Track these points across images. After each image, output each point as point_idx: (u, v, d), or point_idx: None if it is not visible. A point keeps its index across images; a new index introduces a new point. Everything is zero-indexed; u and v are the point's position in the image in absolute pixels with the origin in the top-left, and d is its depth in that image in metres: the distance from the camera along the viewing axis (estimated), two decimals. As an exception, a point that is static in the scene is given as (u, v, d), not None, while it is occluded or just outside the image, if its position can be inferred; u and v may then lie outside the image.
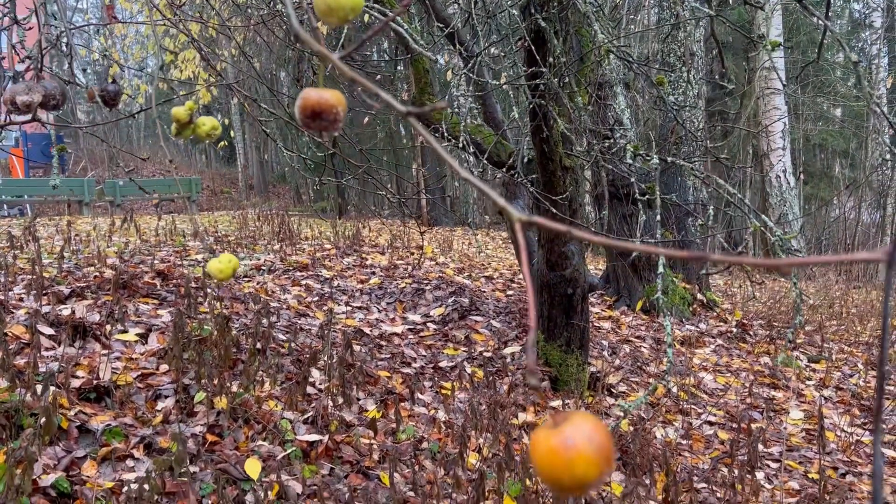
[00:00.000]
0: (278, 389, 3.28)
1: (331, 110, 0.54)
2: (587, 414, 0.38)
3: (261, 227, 7.67)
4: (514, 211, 0.40)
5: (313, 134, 2.85)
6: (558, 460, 0.36)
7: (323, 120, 0.55)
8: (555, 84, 2.34)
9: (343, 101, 0.55)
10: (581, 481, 0.36)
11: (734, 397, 4.59)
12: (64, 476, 2.26)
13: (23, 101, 0.99)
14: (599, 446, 0.36)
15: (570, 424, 0.37)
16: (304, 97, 0.53)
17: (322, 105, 0.53)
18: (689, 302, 6.26)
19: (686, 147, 5.48)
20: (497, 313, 5.36)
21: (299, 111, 0.55)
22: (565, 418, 0.37)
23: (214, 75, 1.95)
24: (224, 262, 0.99)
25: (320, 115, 0.54)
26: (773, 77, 9.57)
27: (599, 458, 0.36)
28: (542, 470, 0.37)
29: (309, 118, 0.55)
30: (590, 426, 0.37)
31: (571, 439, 0.36)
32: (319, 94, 0.53)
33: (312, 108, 0.53)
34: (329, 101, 0.53)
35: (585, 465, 0.36)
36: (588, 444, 0.36)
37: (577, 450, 0.36)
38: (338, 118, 0.56)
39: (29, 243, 4.85)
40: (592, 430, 0.37)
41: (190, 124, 1.11)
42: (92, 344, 3.22)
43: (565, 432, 0.36)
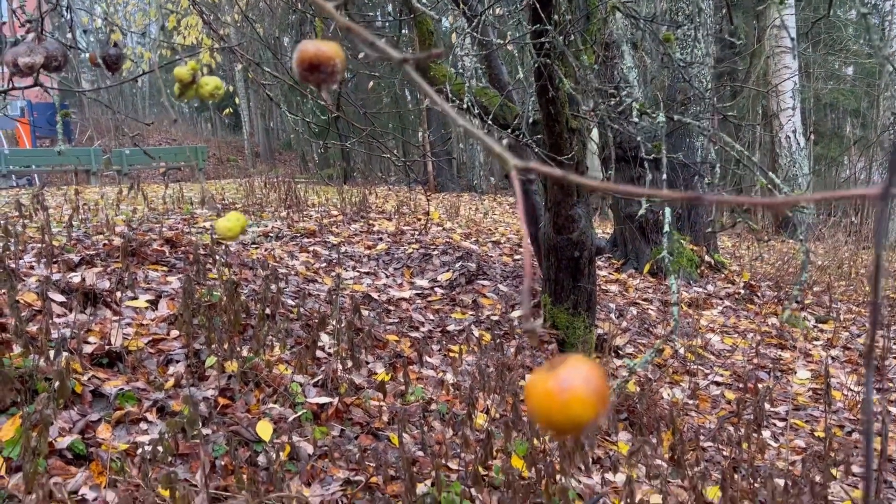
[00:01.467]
0: (288, 353, 3.32)
1: (329, 62, 0.53)
2: (582, 357, 0.38)
3: (267, 195, 7.67)
4: (511, 157, 0.39)
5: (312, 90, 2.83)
6: (554, 402, 0.36)
7: (321, 73, 0.53)
8: (560, 42, 2.31)
9: (341, 53, 0.54)
10: (577, 422, 0.36)
11: (741, 358, 4.61)
12: (79, 438, 2.30)
13: (25, 63, 0.99)
14: (595, 387, 0.36)
15: (565, 367, 0.37)
16: (301, 49, 0.52)
17: (320, 57, 0.52)
18: (697, 264, 6.25)
19: (694, 107, 5.42)
20: (504, 277, 5.37)
21: (297, 64, 0.54)
22: (561, 361, 0.37)
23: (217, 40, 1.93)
24: (232, 221, 0.99)
25: (318, 67, 0.53)
26: (784, 35, 9.41)
27: (595, 398, 0.36)
28: (538, 412, 0.37)
29: (307, 71, 0.54)
30: (585, 368, 0.37)
31: (567, 381, 0.36)
32: (317, 46, 0.52)
33: (310, 61, 0.52)
34: (327, 53, 0.52)
35: (581, 406, 0.36)
36: (584, 384, 0.36)
37: (573, 391, 0.36)
38: (336, 71, 0.55)
39: (38, 212, 4.87)
40: (588, 372, 0.37)
41: (192, 84, 1.10)
42: (103, 310, 3.25)
43: (560, 374, 0.36)
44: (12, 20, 1.97)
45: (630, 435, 3.26)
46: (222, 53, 7.10)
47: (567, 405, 0.36)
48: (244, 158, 20.93)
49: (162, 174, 13.26)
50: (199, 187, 8.23)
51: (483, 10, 2.36)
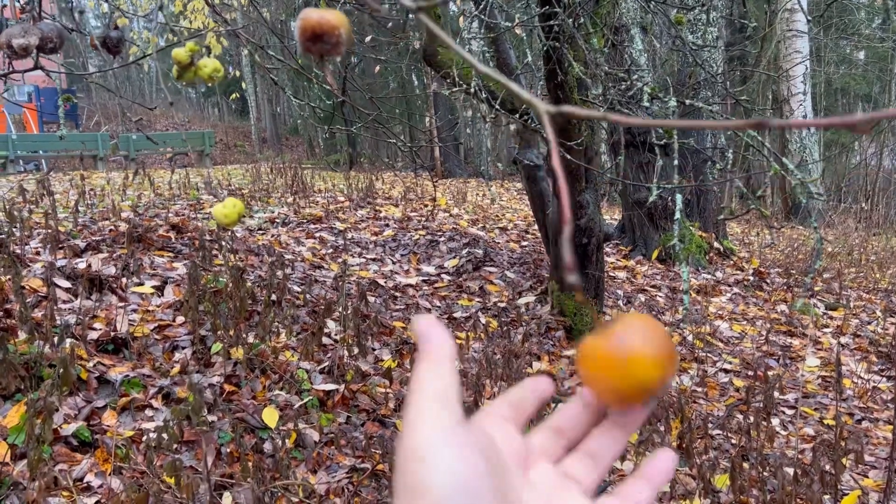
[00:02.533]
0: (294, 340, 3.30)
1: (333, 32, 0.49)
2: (639, 313, 0.34)
3: (274, 180, 7.65)
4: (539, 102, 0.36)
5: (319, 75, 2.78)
6: (614, 366, 0.32)
7: (325, 43, 0.50)
8: (569, 25, 2.26)
9: (346, 22, 0.51)
10: (642, 386, 0.32)
11: (750, 345, 4.57)
12: (85, 425, 2.30)
13: (19, 45, 0.96)
14: (658, 345, 0.32)
15: (622, 325, 0.32)
16: (303, 17, 0.49)
17: (323, 26, 0.49)
18: (706, 250, 6.20)
19: (705, 91, 5.36)
20: (511, 264, 5.34)
21: (299, 33, 0.50)
22: (616, 321, 0.33)
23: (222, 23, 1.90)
24: (229, 207, 0.96)
25: (321, 37, 0.49)
26: (795, 19, 9.29)
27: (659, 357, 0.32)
28: (595, 380, 0.33)
29: (309, 41, 0.50)
30: (643, 324, 0.32)
31: (626, 340, 0.32)
32: (320, 14, 0.49)
33: (313, 30, 0.49)
34: (331, 21, 0.49)
35: (644, 368, 0.31)
36: (644, 342, 0.32)
37: (634, 351, 0.32)
38: (340, 41, 0.51)
39: (43, 197, 4.86)
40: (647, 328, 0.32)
41: (191, 66, 1.08)
42: (108, 297, 3.24)
43: (618, 334, 0.32)
44: (13, 3, 1.94)
45: (638, 423, 3.23)
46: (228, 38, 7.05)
47: (629, 368, 0.32)
48: (251, 144, 20.90)
49: (168, 159, 13.25)
50: (206, 172, 8.21)
51: (491, -8, 2.32)
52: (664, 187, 2.00)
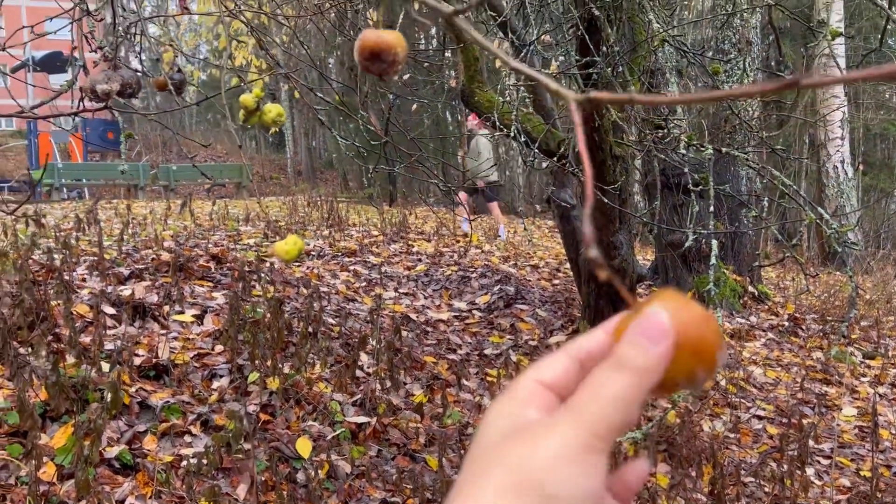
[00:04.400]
0: (328, 372, 3.36)
1: (390, 51, 0.51)
2: (676, 293, 0.30)
3: (310, 213, 7.79)
4: (568, 91, 0.39)
5: (362, 114, 2.88)
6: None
7: (382, 62, 0.51)
8: (608, 73, 2.33)
9: (403, 42, 0.52)
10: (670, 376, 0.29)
11: (784, 392, 4.51)
12: (126, 449, 2.36)
13: (102, 90, 1.04)
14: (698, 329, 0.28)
15: (656, 303, 0.29)
16: (363, 37, 0.50)
17: (381, 45, 0.50)
18: (740, 294, 6.15)
19: (740, 136, 5.37)
20: (543, 302, 5.36)
21: (358, 52, 0.51)
22: (651, 299, 0.30)
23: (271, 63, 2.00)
24: (290, 244, 1.03)
25: (379, 56, 0.51)
26: (833, 65, 9.28)
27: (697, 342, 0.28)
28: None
29: (367, 60, 0.51)
30: (680, 304, 0.29)
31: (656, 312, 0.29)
32: (378, 34, 0.50)
33: (371, 49, 0.50)
34: (388, 41, 0.50)
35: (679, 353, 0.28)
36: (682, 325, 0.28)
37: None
38: (396, 60, 0.52)
39: (91, 226, 5.02)
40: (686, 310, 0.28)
41: (257, 111, 1.15)
42: (151, 324, 3.34)
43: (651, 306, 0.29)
44: (82, 44, 2.06)
45: (669, 467, 3.21)
46: (270, 74, 7.27)
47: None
48: (286, 176, 21.28)
49: (206, 190, 13.56)
50: (244, 204, 8.39)
51: (532, 41, 2.39)
52: (700, 232, 2.03)
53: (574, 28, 2.69)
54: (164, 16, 1.50)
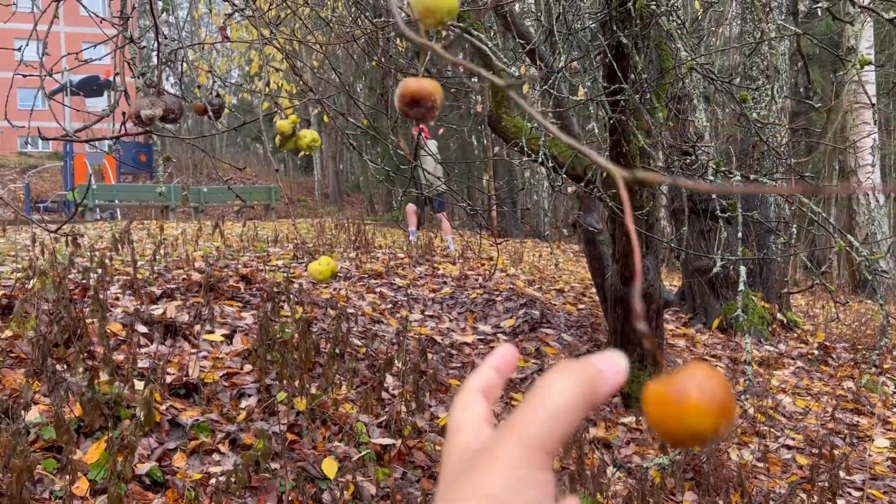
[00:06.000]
0: (354, 393, 3.38)
1: (429, 98, 0.55)
2: (702, 363, 0.36)
3: (337, 235, 7.87)
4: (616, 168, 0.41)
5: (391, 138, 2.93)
6: (669, 411, 0.34)
7: (421, 107, 0.56)
8: (636, 100, 2.35)
9: (440, 90, 0.57)
10: (694, 433, 0.34)
11: (814, 421, 4.44)
12: (157, 466, 2.40)
13: (146, 115, 1.09)
14: (713, 395, 0.34)
15: (683, 375, 0.35)
16: (404, 85, 0.55)
17: (421, 92, 0.55)
18: (769, 322, 6.08)
19: (768, 162, 5.35)
20: (568, 327, 5.35)
21: (399, 99, 0.56)
22: (679, 370, 0.36)
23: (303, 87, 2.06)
24: (323, 264, 1.06)
25: (419, 102, 0.55)
26: (862, 91, 9.21)
27: (713, 408, 0.34)
28: (653, 421, 0.35)
29: (408, 105, 0.56)
30: (703, 375, 0.35)
31: (683, 389, 0.34)
32: (418, 82, 0.55)
33: (412, 96, 0.55)
34: (427, 88, 0.55)
35: (697, 416, 0.34)
36: (700, 394, 0.34)
37: (689, 399, 0.34)
38: (435, 106, 0.57)
39: (124, 246, 5.13)
40: (706, 379, 0.34)
41: (293, 137, 1.19)
42: (181, 343, 3.40)
43: (677, 381, 0.34)
44: (124, 70, 2.14)
45: (696, 496, 3.17)
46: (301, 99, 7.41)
47: (683, 415, 0.34)
48: (314, 199, 21.51)
49: (236, 212, 13.76)
50: (273, 226, 8.50)
51: (560, 69, 2.43)
52: (728, 258, 2.03)
53: (602, 55, 2.72)
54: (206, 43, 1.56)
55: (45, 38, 2.18)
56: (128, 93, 1.93)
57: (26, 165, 22.15)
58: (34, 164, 22.50)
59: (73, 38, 13.08)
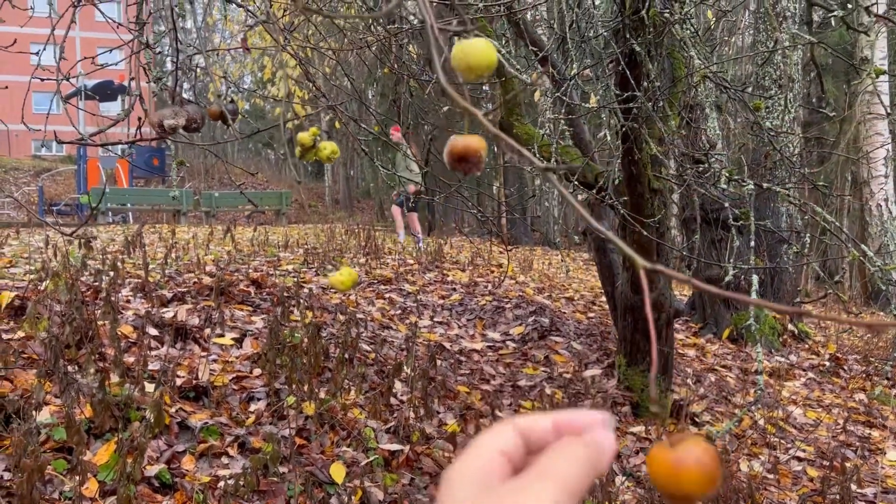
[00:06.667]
0: (362, 398, 3.38)
1: (475, 154, 0.61)
2: (699, 439, 0.44)
3: (347, 241, 7.89)
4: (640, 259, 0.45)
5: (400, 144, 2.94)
6: (670, 475, 0.43)
7: (468, 163, 0.61)
8: (648, 108, 2.35)
9: (485, 145, 0.63)
10: (688, 495, 0.43)
11: (825, 433, 4.40)
12: (166, 468, 2.41)
13: (169, 125, 1.10)
14: (705, 468, 0.43)
15: (683, 446, 0.43)
16: (452, 143, 0.61)
17: (468, 150, 0.61)
18: (780, 332, 6.04)
19: (780, 172, 5.33)
20: (578, 335, 5.33)
21: (448, 156, 0.63)
22: (680, 440, 0.44)
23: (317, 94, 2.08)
24: (345, 275, 1.07)
25: (466, 159, 0.61)
26: (876, 101, 9.17)
27: (705, 478, 0.43)
28: (656, 481, 0.44)
29: (456, 161, 0.62)
30: (700, 450, 0.43)
31: (682, 459, 0.43)
32: (466, 140, 0.60)
33: (460, 154, 0.61)
34: (474, 146, 0.60)
35: (692, 483, 0.42)
36: (696, 464, 0.43)
37: (687, 469, 0.42)
38: (480, 161, 0.64)
39: (136, 249, 5.16)
40: (702, 454, 0.43)
41: (313, 148, 1.20)
42: (192, 346, 3.41)
43: (678, 452, 0.43)
44: (139, 75, 2.15)
45: (705, 506, 3.15)
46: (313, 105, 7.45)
47: (680, 480, 0.42)
48: (325, 204, 21.58)
49: (247, 217, 13.82)
50: (283, 231, 8.53)
51: (573, 76, 2.43)
52: (740, 267, 2.02)
53: (614, 63, 2.72)
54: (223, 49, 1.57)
55: (63, 43, 2.20)
56: (142, 97, 1.95)
57: (40, 168, 22.34)
58: (48, 167, 22.70)
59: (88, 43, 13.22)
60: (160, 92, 1.47)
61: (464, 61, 0.58)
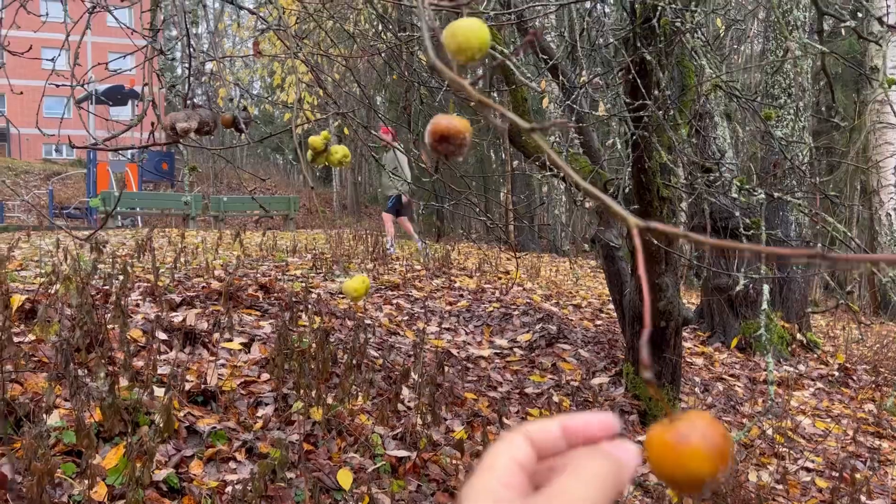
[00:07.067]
0: (370, 404, 3.38)
1: (458, 135, 0.57)
2: (703, 412, 0.38)
3: (355, 246, 7.90)
4: (632, 217, 0.43)
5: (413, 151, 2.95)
6: (671, 456, 0.36)
7: (450, 144, 0.57)
8: (659, 116, 2.35)
9: (469, 128, 0.59)
10: (694, 477, 0.36)
11: (834, 444, 4.37)
12: (174, 472, 2.41)
13: (182, 128, 1.11)
14: (713, 443, 0.36)
15: (684, 421, 0.37)
16: (434, 122, 0.57)
17: (451, 130, 0.56)
18: (788, 342, 6.01)
19: (789, 180, 5.31)
20: (585, 343, 5.32)
21: (429, 135, 0.58)
22: (681, 417, 0.38)
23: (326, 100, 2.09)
24: (358, 283, 1.07)
25: (448, 139, 0.56)
26: (886, 111, 9.14)
27: (713, 454, 0.36)
28: (655, 465, 0.37)
29: (437, 142, 0.58)
30: (704, 423, 0.37)
31: (685, 435, 0.36)
32: (449, 119, 0.56)
33: (441, 133, 0.56)
34: (457, 126, 0.56)
35: (699, 461, 0.36)
36: (702, 440, 0.36)
37: (690, 445, 0.36)
38: (464, 143, 0.59)
39: (146, 253, 5.18)
40: (706, 427, 0.37)
41: (324, 152, 1.21)
42: (200, 350, 3.42)
43: (679, 428, 0.37)
44: (152, 81, 2.16)
45: (714, 516, 3.13)
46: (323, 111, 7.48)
47: (683, 460, 0.36)
48: (332, 210, 21.62)
49: (255, 221, 13.87)
50: (292, 235, 8.55)
51: (583, 84, 2.44)
52: (752, 277, 2.02)
53: (624, 71, 2.73)
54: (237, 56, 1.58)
55: (77, 49, 2.21)
56: (155, 103, 1.96)
57: (50, 172, 22.49)
58: (58, 170, 22.84)
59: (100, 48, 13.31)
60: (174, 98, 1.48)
61: (454, 41, 0.54)
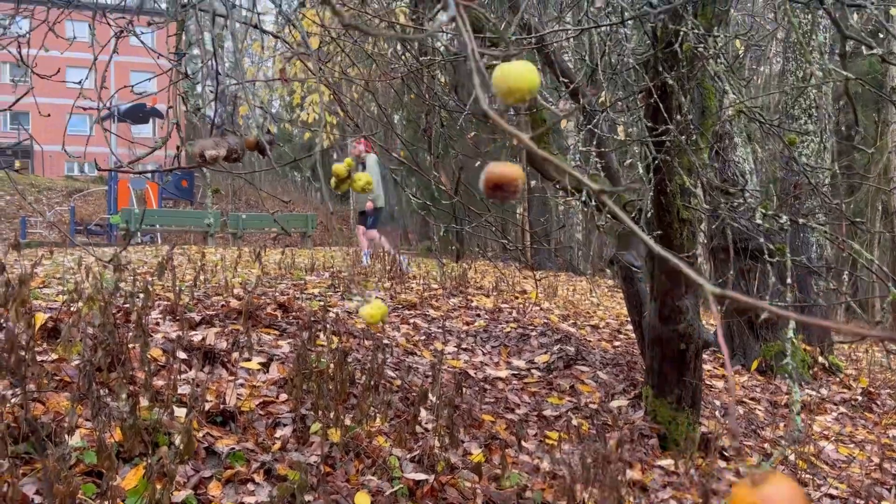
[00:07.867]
0: (388, 426, 3.37)
1: (512, 183, 0.59)
2: (784, 476, 0.41)
3: (373, 265, 7.91)
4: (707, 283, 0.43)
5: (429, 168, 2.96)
6: None
7: (504, 191, 0.60)
8: (682, 141, 2.34)
9: (522, 174, 0.61)
10: None
11: (858, 471, 4.29)
12: (192, 494, 2.41)
13: (211, 156, 1.12)
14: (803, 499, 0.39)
15: (770, 484, 0.40)
16: (488, 171, 0.59)
17: (504, 178, 0.58)
18: (810, 365, 5.93)
19: (810, 202, 5.27)
20: (604, 364, 5.28)
21: (484, 184, 0.60)
22: (765, 478, 0.41)
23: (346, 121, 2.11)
24: (375, 308, 1.08)
25: (501, 187, 0.59)
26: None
27: None
28: None
29: (491, 189, 0.60)
30: (787, 488, 0.40)
31: (770, 499, 0.39)
32: (502, 168, 0.59)
33: (495, 182, 0.59)
34: (510, 175, 0.59)
35: None
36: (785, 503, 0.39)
37: None
38: (517, 189, 0.61)
39: (166, 271, 5.21)
40: (791, 492, 0.39)
41: (348, 179, 1.22)
42: (219, 370, 3.43)
43: (765, 491, 0.40)
44: (177, 103, 2.19)
45: (736, 545, 3.08)
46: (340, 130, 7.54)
47: None
48: (348, 227, 21.70)
49: (273, 239, 13.96)
50: (310, 253, 8.59)
51: (604, 108, 2.44)
52: (777, 305, 2.00)
53: (645, 94, 2.73)
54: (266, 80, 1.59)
55: (105, 72, 2.24)
56: (179, 125, 1.98)
57: (72, 189, 22.79)
58: (80, 187, 23.14)
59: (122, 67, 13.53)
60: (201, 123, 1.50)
61: (504, 84, 0.56)
